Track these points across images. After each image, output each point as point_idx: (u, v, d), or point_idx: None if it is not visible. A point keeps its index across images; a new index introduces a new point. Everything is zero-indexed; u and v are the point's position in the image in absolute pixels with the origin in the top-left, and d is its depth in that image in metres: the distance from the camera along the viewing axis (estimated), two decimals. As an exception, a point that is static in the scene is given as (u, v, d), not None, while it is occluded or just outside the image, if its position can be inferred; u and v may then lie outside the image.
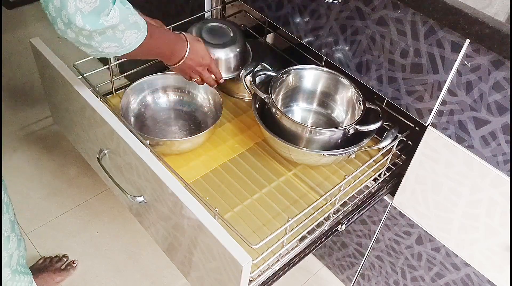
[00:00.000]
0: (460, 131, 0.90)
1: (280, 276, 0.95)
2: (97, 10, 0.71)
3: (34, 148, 1.80)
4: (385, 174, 1.10)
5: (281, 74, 1.13)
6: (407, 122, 1.09)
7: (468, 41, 0.81)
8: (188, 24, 1.19)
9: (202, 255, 0.87)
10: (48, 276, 1.42)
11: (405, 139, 1.11)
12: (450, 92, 0.88)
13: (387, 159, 1.09)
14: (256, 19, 1.38)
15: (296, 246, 0.96)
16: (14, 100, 1.97)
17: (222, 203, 1.01)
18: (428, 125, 0.95)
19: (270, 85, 1.09)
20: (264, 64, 1.17)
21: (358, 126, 1.03)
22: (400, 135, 1.07)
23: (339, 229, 1.02)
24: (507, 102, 0.81)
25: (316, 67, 1.16)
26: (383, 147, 1.04)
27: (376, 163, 1.06)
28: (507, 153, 0.85)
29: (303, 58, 1.27)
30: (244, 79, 1.13)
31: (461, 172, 0.94)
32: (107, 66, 1.17)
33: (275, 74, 1.13)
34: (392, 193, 1.12)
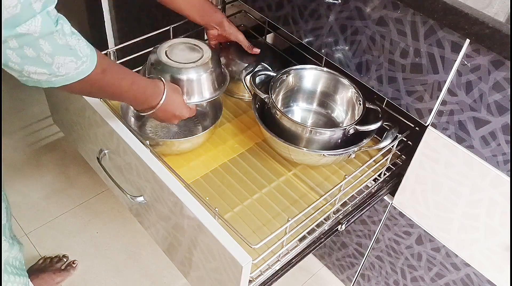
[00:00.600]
0: (460, 131, 0.90)
1: (280, 276, 0.95)
2: (17, 18, 0.61)
3: (34, 148, 1.80)
4: (385, 174, 1.10)
5: (281, 74, 1.13)
6: (407, 122, 1.09)
7: (468, 41, 0.81)
8: (189, 24, 1.19)
9: (202, 255, 0.87)
10: (48, 277, 1.42)
11: (405, 139, 1.11)
12: (450, 92, 0.88)
13: (387, 159, 1.09)
14: (256, 19, 1.38)
15: (296, 246, 0.96)
16: (14, 100, 1.97)
17: (222, 203, 1.01)
18: (428, 125, 0.95)
19: (270, 85, 1.09)
20: (264, 64, 1.17)
21: (358, 126, 1.03)
22: (400, 135, 1.07)
23: (339, 229, 1.02)
24: (507, 102, 0.81)
25: (316, 67, 1.16)
26: (383, 147, 1.04)
27: (376, 163, 1.06)
28: (507, 153, 0.85)
29: (303, 58, 1.27)
30: (244, 79, 1.13)
31: (461, 172, 0.94)
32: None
33: (275, 74, 1.13)
34: (392, 193, 1.12)
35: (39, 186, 1.68)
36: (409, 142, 1.11)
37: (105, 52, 1.14)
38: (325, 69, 1.15)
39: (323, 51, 1.06)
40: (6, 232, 1.09)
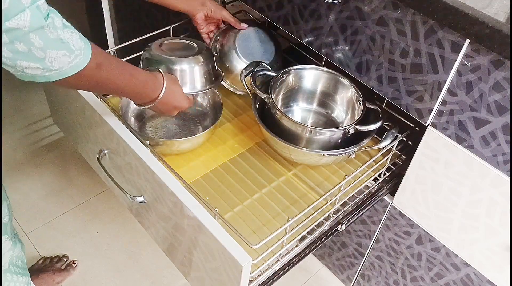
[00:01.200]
0: (460, 131, 0.90)
1: (280, 276, 0.95)
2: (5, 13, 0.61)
3: (34, 148, 1.80)
4: (385, 174, 1.10)
5: (281, 74, 1.13)
6: (407, 122, 1.09)
7: (468, 41, 0.81)
8: (189, 24, 1.19)
9: (202, 255, 0.87)
10: (48, 276, 1.42)
11: (405, 139, 1.11)
12: (450, 92, 0.88)
13: (387, 159, 1.09)
14: (256, 19, 1.38)
15: (296, 246, 0.96)
16: (14, 100, 1.97)
17: (222, 203, 1.01)
18: (428, 125, 0.95)
19: (270, 85, 1.09)
20: (264, 64, 1.17)
21: (358, 126, 1.03)
22: (400, 135, 1.07)
23: (339, 229, 1.02)
24: (507, 102, 0.81)
25: (316, 67, 1.16)
26: (383, 147, 1.04)
27: (376, 163, 1.06)
28: (507, 153, 0.85)
29: (303, 58, 1.27)
30: (244, 79, 1.13)
31: (461, 172, 0.94)
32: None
33: (275, 74, 1.13)
34: (392, 193, 1.12)
35: (39, 186, 1.68)
36: (409, 142, 1.11)
37: (105, 52, 1.14)
38: (325, 69, 1.15)
39: (323, 51, 1.06)
40: (8, 231, 1.09)
